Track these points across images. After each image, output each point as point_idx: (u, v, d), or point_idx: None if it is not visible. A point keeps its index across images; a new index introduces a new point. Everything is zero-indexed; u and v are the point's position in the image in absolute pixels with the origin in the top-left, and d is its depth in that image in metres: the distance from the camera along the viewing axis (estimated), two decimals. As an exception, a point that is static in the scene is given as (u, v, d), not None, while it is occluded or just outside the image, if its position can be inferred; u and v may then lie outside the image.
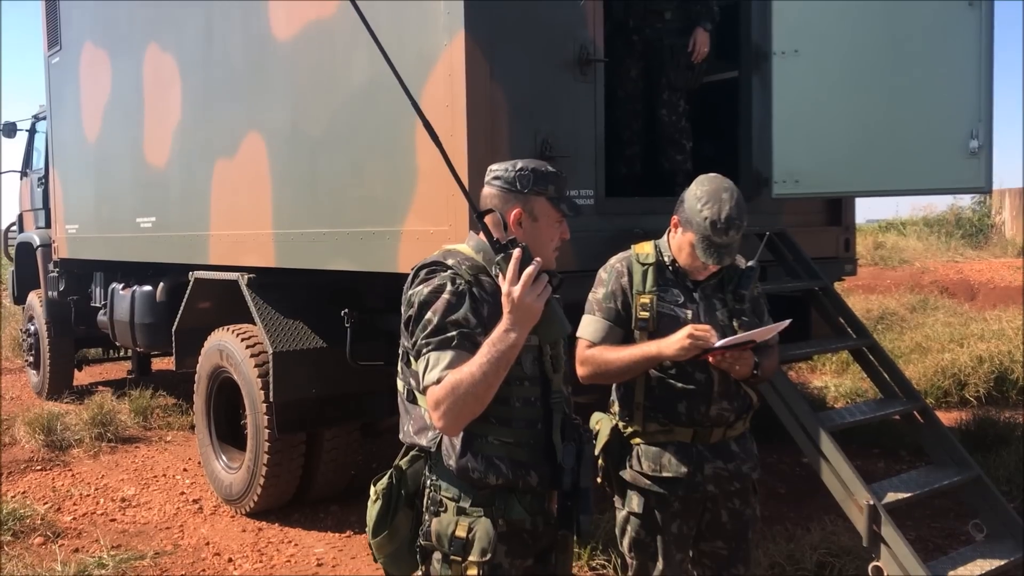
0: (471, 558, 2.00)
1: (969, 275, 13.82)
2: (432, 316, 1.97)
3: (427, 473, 2.10)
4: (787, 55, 4.05)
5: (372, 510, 2.13)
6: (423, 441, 2.10)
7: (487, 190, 2.14)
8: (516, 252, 1.90)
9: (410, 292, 2.06)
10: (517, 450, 2.04)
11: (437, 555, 2.05)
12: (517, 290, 1.87)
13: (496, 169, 2.14)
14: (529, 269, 1.88)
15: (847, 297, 9.90)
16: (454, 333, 1.95)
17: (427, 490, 2.09)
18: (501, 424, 2.03)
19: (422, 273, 2.07)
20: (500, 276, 1.94)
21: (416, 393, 2.07)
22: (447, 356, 1.93)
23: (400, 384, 2.16)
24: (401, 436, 2.18)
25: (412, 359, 2.04)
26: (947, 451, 3.93)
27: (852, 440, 5.34)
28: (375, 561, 2.20)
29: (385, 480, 2.13)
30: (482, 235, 2.07)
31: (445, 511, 2.05)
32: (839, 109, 4.09)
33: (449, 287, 2.00)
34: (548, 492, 2.08)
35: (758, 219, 4.27)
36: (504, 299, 1.90)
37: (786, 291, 4.34)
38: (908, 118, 4.08)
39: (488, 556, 1.99)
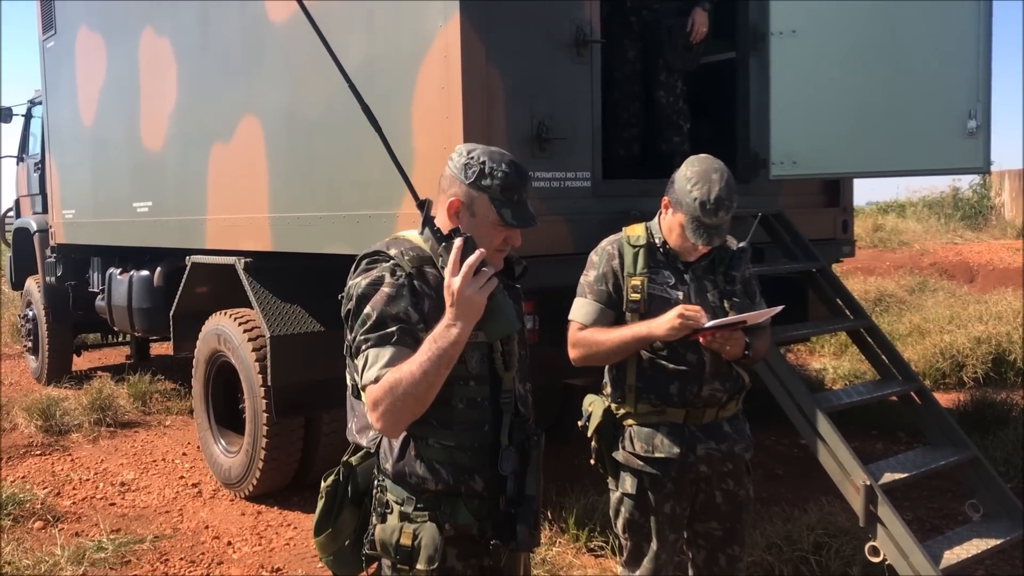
0: (418, 567, 1.89)
1: (968, 257, 13.80)
2: (371, 311, 1.85)
3: (376, 472, 1.98)
4: (785, 35, 4.04)
5: (317, 507, 2.03)
6: (363, 441, 1.99)
7: (444, 170, 1.99)
8: (457, 241, 1.77)
9: (349, 283, 1.93)
10: (459, 454, 1.92)
11: (386, 561, 1.95)
12: (457, 282, 1.75)
13: (455, 151, 1.99)
14: (470, 259, 1.75)
15: (846, 279, 9.91)
16: (394, 328, 1.83)
17: (375, 490, 1.97)
18: (442, 427, 1.91)
19: (363, 263, 1.95)
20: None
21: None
22: (386, 353, 1.81)
23: (348, 378, 2.03)
24: (347, 433, 2.08)
25: (351, 355, 1.92)
26: (944, 432, 3.94)
27: (850, 421, 5.36)
28: (321, 561, 2.10)
29: (332, 478, 2.02)
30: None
31: (391, 513, 1.94)
32: (837, 90, 4.08)
33: (388, 279, 1.87)
34: (501, 495, 1.95)
35: (756, 200, 4.25)
36: (445, 292, 1.78)
37: (783, 272, 4.33)
38: (906, 98, 4.07)
39: (435, 564, 1.88)
